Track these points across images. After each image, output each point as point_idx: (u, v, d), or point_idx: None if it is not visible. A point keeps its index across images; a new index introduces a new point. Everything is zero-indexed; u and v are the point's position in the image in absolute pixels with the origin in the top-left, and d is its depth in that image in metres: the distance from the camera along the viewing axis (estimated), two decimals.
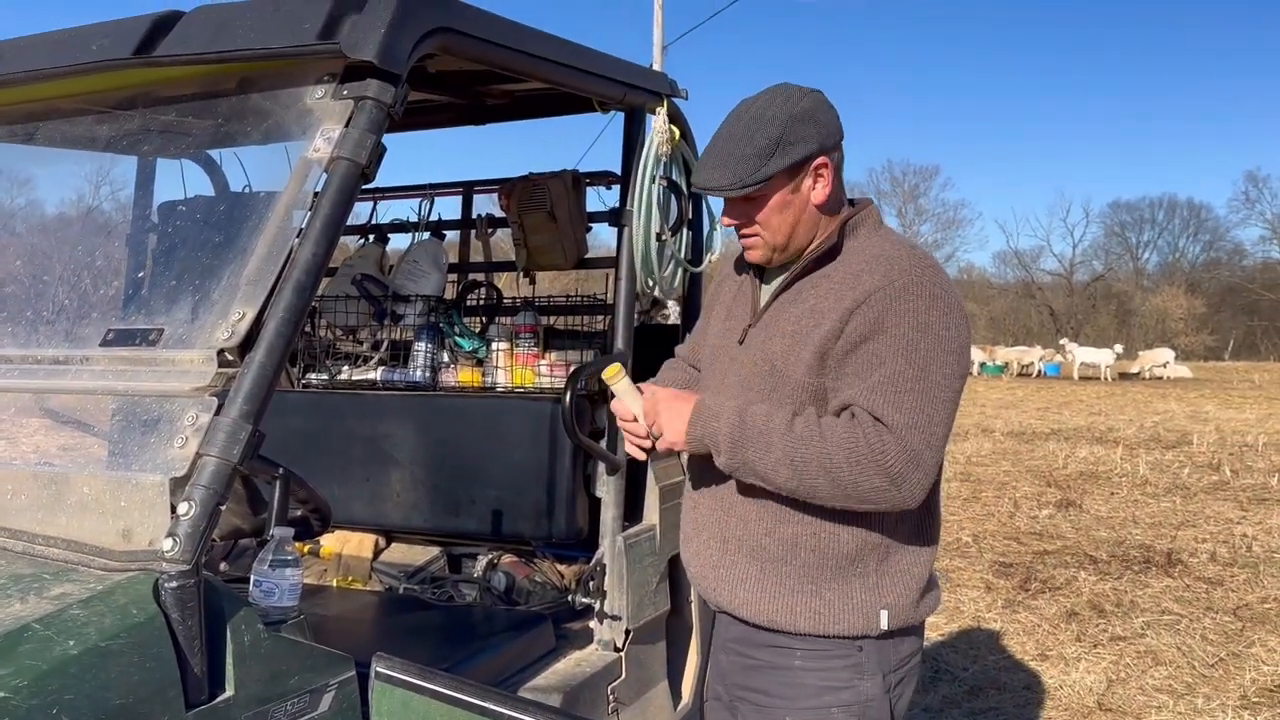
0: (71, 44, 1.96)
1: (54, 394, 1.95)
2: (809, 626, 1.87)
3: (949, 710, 4.36)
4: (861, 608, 1.86)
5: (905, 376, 1.74)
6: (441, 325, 3.22)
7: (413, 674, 1.68)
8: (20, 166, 2.40)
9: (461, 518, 2.98)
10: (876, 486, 1.72)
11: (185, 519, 1.48)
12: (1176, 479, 10.37)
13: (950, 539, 7.57)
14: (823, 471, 1.73)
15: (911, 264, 1.82)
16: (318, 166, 1.72)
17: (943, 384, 1.76)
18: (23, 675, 1.31)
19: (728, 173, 1.84)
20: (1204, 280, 53.93)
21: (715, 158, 1.87)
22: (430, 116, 3.26)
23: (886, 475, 1.71)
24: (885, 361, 1.76)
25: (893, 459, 1.71)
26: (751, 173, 1.83)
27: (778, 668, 1.91)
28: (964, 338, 1.82)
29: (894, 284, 1.79)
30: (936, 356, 1.76)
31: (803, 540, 1.86)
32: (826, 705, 1.88)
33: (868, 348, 1.78)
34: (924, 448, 1.73)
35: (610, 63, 2.56)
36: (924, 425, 1.73)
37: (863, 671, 1.88)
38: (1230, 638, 5.33)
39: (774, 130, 1.83)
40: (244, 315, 1.63)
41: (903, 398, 1.73)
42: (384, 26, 1.74)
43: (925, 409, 1.74)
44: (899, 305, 1.78)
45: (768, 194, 1.87)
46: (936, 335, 1.77)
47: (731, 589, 1.94)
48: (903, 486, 1.73)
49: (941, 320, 1.78)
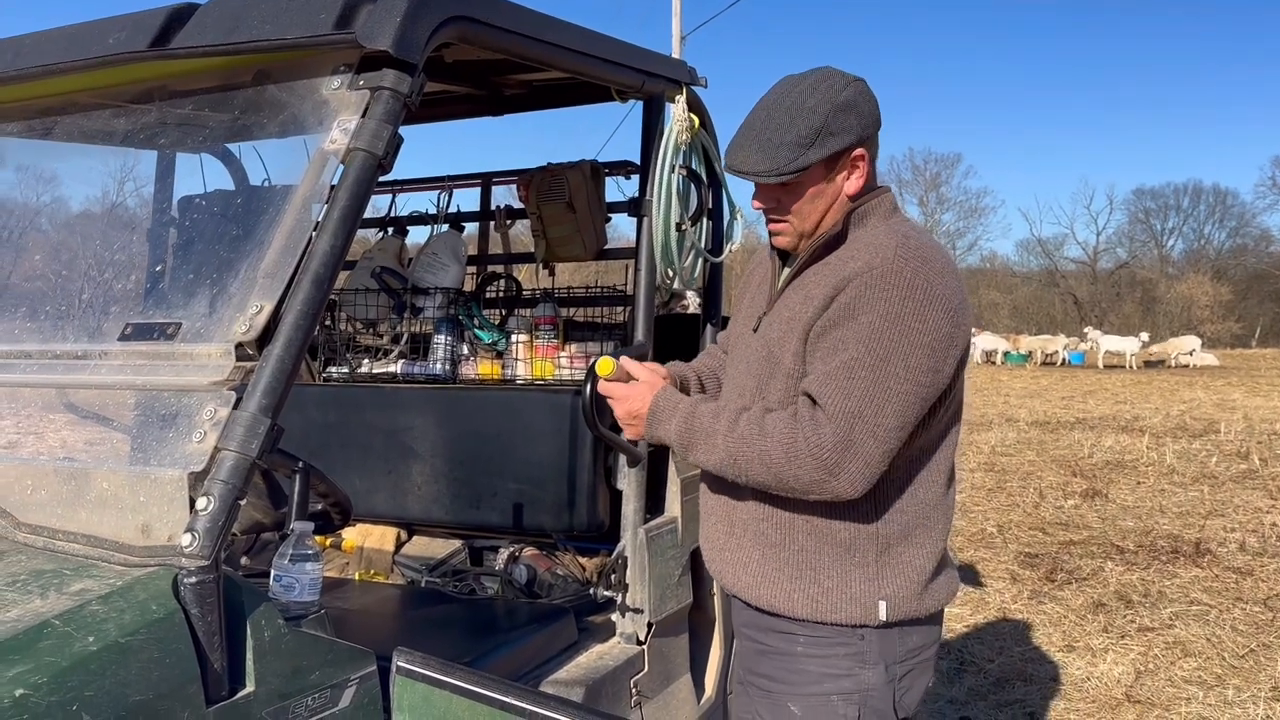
0: (88, 38, 1.95)
1: (74, 389, 1.95)
2: (807, 613, 1.87)
3: (975, 702, 4.32)
4: (859, 598, 1.85)
5: (862, 364, 1.72)
6: (461, 318, 3.21)
7: (434, 669, 1.67)
8: (39, 162, 2.40)
9: (483, 510, 2.97)
10: (815, 479, 1.73)
11: (204, 514, 1.48)
12: (1204, 468, 10.26)
13: (975, 529, 7.52)
14: (763, 468, 1.78)
15: (897, 252, 1.79)
16: (335, 158, 1.71)
17: (902, 376, 1.73)
18: (43, 672, 1.30)
19: (765, 159, 1.82)
20: (1230, 267, 53.32)
21: (753, 141, 1.84)
22: (447, 107, 3.24)
23: (823, 467, 1.72)
24: (847, 347, 1.74)
25: (828, 450, 1.71)
26: (790, 161, 1.81)
27: (782, 654, 1.92)
28: (942, 332, 1.76)
29: (873, 271, 1.77)
30: (901, 348, 1.73)
31: (798, 525, 1.87)
32: (827, 693, 1.87)
33: (835, 334, 1.77)
34: (865, 437, 1.71)
35: (628, 51, 2.53)
36: (870, 415, 1.71)
37: (865, 660, 1.87)
38: (1260, 628, 5.27)
39: (816, 120, 1.80)
40: (262, 308, 1.62)
41: (853, 385, 1.72)
42: (400, 16, 1.73)
43: (875, 399, 1.72)
44: (872, 293, 1.75)
45: (804, 183, 1.85)
46: (906, 327, 1.73)
47: (735, 572, 1.97)
48: (840, 476, 1.72)
49: (916, 312, 1.74)
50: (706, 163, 2.84)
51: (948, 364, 1.78)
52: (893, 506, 1.85)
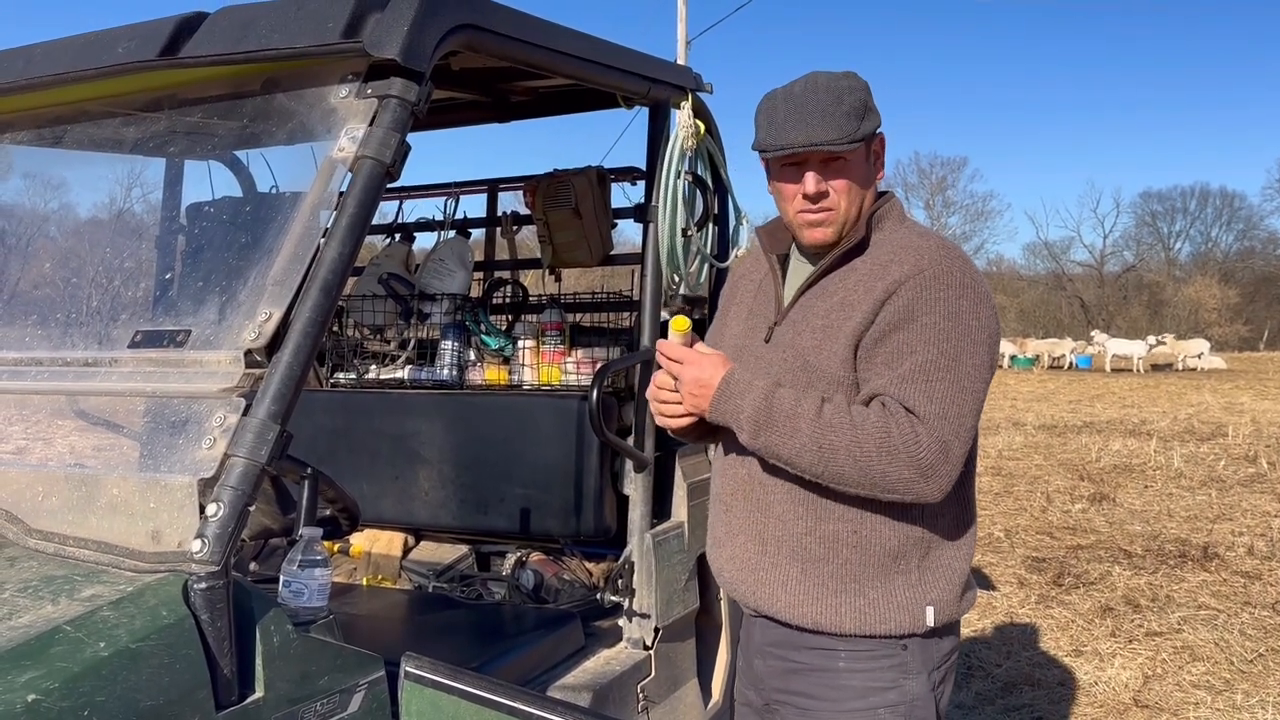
0: (98, 46, 1.97)
1: (84, 396, 1.96)
2: (854, 627, 1.83)
3: (983, 707, 4.31)
4: (907, 605, 1.83)
5: (937, 366, 1.72)
6: (468, 323, 3.22)
7: (442, 674, 1.68)
8: (50, 169, 2.42)
9: (490, 516, 2.98)
10: (905, 478, 1.70)
11: (214, 520, 1.48)
12: (1212, 472, 10.23)
13: (982, 534, 7.50)
14: (851, 460, 1.71)
15: (941, 254, 1.80)
16: (342, 166, 1.72)
17: (973, 374, 1.74)
18: (54, 677, 1.31)
19: (830, 128, 1.77)
20: (1238, 270, 53.15)
21: (806, 115, 1.78)
22: (454, 114, 3.26)
23: (917, 467, 1.69)
24: (916, 350, 1.73)
25: (925, 450, 1.68)
26: (855, 130, 1.79)
27: (821, 670, 1.88)
28: (993, 328, 1.80)
29: (924, 273, 1.77)
30: (967, 346, 1.74)
31: (843, 537, 1.83)
32: (873, 706, 1.85)
33: (898, 337, 1.75)
34: (954, 439, 1.71)
35: (634, 57, 2.54)
36: (954, 416, 1.71)
37: (908, 671, 1.85)
38: (1269, 632, 5.25)
39: (858, 97, 1.81)
40: (271, 316, 1.63)
41: (934, 387, 1.71)
42: (407, 24, 1.74)
43: (956, 399, 1.72)
44: (929, 294, 1.75)
45: (858, 159, 1.84)
46: (967, 325, 1.75)
47: (772, 591, 1.89)
48: (931, 479, 1.70)
49: (972, 310, 1.76)
50: (712, 168, 2.85)
51: (995, 358, 1.82)
52: (936, 509, 1.83)
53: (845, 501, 1.81)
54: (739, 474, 1.94)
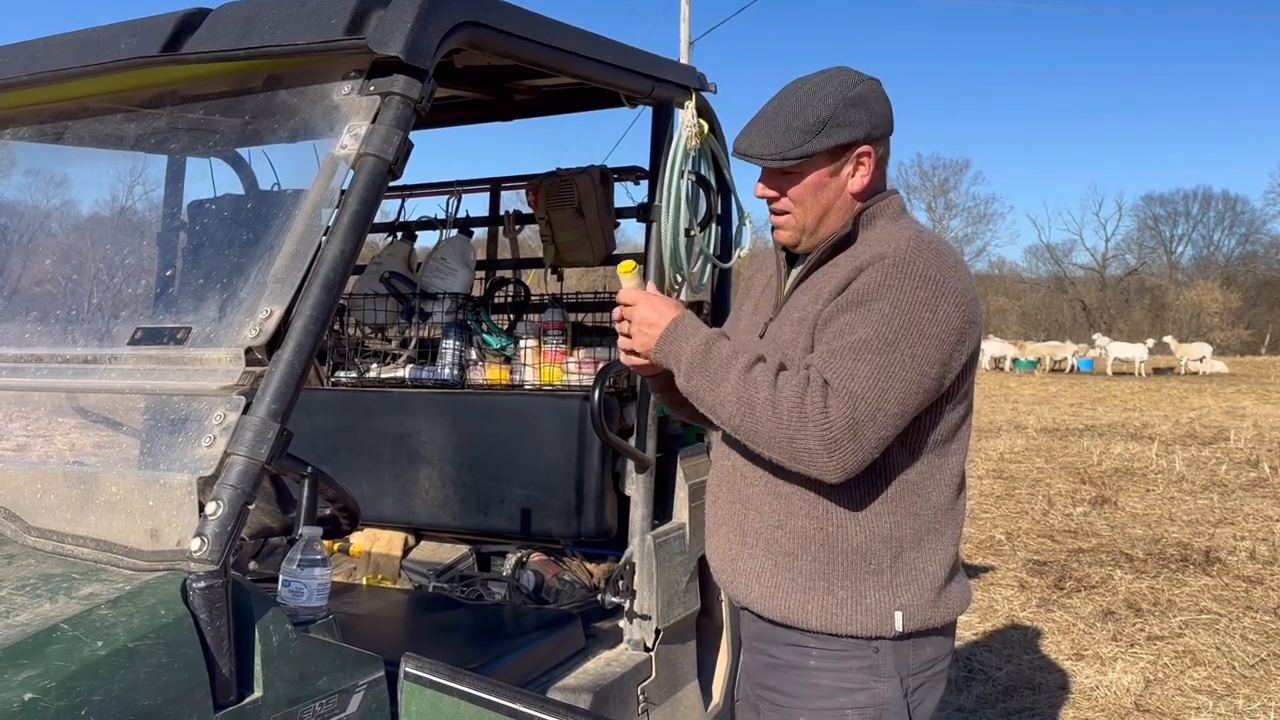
0: (100, 42, 1.96)
1: (84, 393, 1.96)
2: (820, 624, 1.83)
3: (983, 710, 4.30)
4: (874, 608, 1.82)
5: (869, 347, 1.69)
6: (469, 323, 3.21)
7: (442, 674, 1.67)
8: (51, 166, 2.41)
9: (490, 516, 2.97)
10: (809, 448, 1.68)
11: (213, 519, 1.48)
12: (1214, 476, 10.21)
13: (983, 537, 7.49)
14: (764, 419, 1.70)
15: (911, 244, 1.78)
16: (345, 163, 1.72)
17: (908, 364, 1.70)
18: (51, 676, 1.30)
19: (770, 142, 1.83)
20: (1240, 274, 53.12)
21: (760, 126, 1.86)
22: (457, 112, 3.25)
23: (821, 439, 1.66)
24: (855, 329, 1.72)
25: (832, 425, 1.66)
26: (794, 147, 1.81)
27: (794, 667, 1.89)
28: (952, 325, 1.74)
29: (885, 260, 1.76)
30: (909, 335, 1.71)
31: (810, 534, 1.83)
32: (840, 707, 1.84)
33: (844, 317, 1.75)
34: (866, 421, 1.67)
35: (638, 56, 2.54)
36: (873, 399, 1.68)
37: (879, 674, 1.84)
38: (1271, 637, 5.24)
39: (824, 110, 1.81)
40: (271, 313, 1.62)
41: (859, 366, 1.69)
42: (411, 21, 1.73)
43: (879, 383, 1.68)
44: (884, 279, 1.74)
45: (805, 171, 1.85)
46: (917, 315, 1.72)
47: (748, 583, 1.92)
48: (834, 455, 1.67)
49: (928, 302, 1.73)
50: (715, 168, 2.84)
51: (956, 358, 1.76)
52: (906, 510, 1.82)
53: (811, 498, 1.81)
54: (724, 466, 1.97)
